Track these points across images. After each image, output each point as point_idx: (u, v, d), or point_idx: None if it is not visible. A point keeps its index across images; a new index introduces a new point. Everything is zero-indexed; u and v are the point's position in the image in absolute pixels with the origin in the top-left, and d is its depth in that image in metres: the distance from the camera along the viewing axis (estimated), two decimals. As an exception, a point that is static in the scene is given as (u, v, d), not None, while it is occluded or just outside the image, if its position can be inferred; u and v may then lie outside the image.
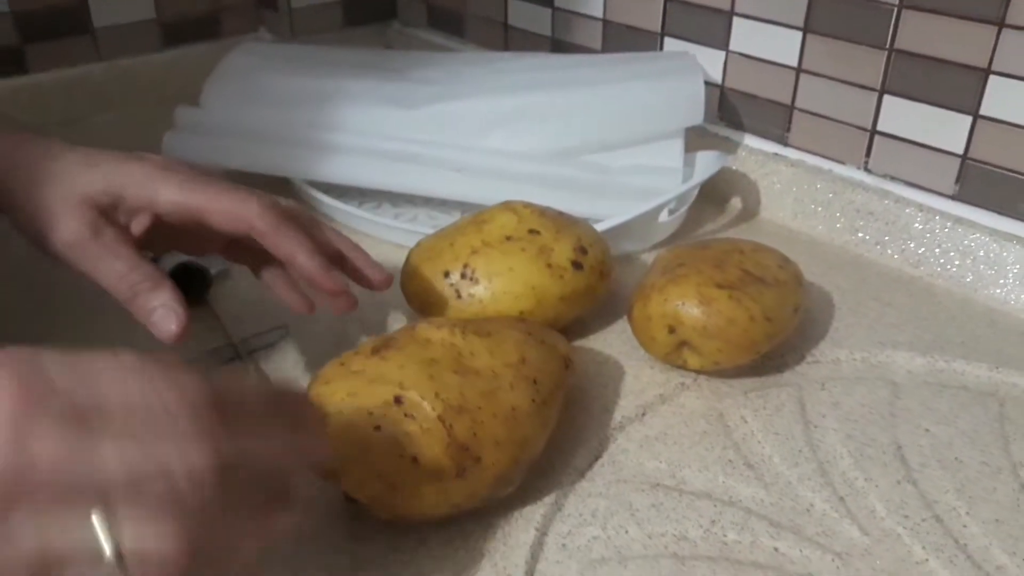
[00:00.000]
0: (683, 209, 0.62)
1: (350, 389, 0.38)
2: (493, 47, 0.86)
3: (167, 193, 0.41)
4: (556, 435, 0.45)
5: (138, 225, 0.42)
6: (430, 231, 0.59)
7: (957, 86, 0.56)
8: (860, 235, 0.63)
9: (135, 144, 0.66)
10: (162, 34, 0.87)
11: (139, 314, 0.40)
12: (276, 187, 0.66)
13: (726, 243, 0.50)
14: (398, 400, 0.37)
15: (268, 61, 0.71)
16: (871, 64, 0.60)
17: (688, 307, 0.45)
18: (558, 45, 0.80)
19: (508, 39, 0.84)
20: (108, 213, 0.41)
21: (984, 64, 0.55)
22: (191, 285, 0.54)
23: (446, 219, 0.65)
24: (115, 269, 0.40)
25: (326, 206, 0.64)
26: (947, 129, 0.58)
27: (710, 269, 0.47)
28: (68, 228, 0.40)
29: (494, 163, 0.61)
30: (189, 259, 0.54)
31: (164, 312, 0.39)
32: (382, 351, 0.40)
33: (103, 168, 0.41)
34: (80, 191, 0.40)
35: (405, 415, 0.37)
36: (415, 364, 0.38)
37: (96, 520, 0.24)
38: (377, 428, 0.36)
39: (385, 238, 0.61)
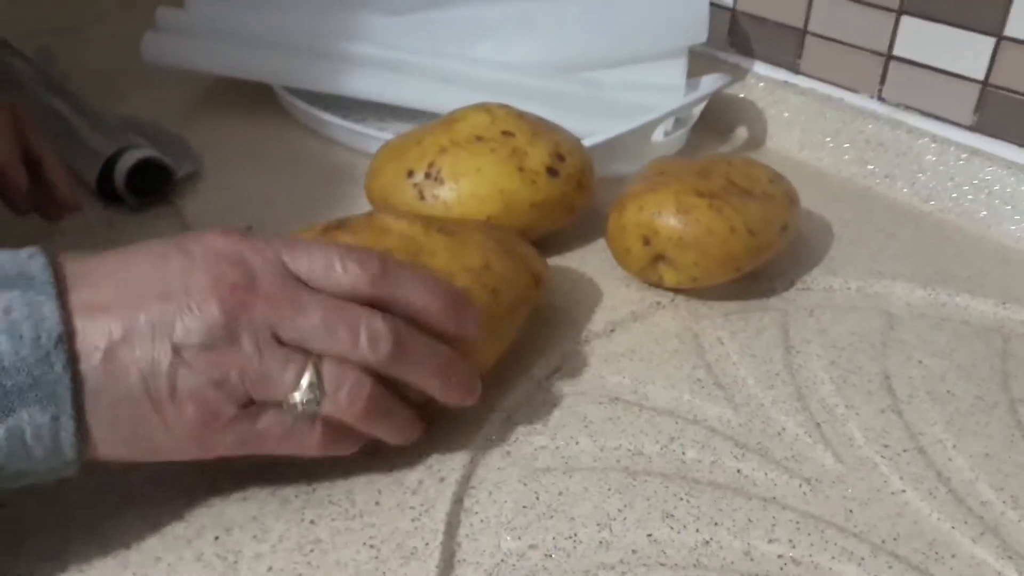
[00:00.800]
0: (681, 132, 0.59)
1: None
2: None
3: None
4: (517, 347, 0.42)
5: None
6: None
7: (980, 4, 0.52)
8: (869, 167, 0.59)
9: (126, 58, 0.64)
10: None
11: None
12: (258, 94, 0.64)
13: (715, 156, 0.47)
14: None
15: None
16: (890, -19, 0.56)
17: (665, 216, 0.42)
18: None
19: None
20: None
21: (1011, -23, 0.50)
22: (153, 181, 0.52)
23: (432, 136, 0.62)
24: None
25: (308, 116, 0.61)
26: (968, 52, 0.54)
27: (692, 178, 0.43)
28: None
29: (481, 74, 0.58)
30: (152, 154, 0.51)
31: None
32: (334, 232, 0.37)
33: None
34: None
35: None
36: None
37: (301, 360, 0.30)
38: None
39: (368, 149, 0.59)
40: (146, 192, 0.51)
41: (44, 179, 0.45)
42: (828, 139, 0.61)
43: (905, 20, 0.56)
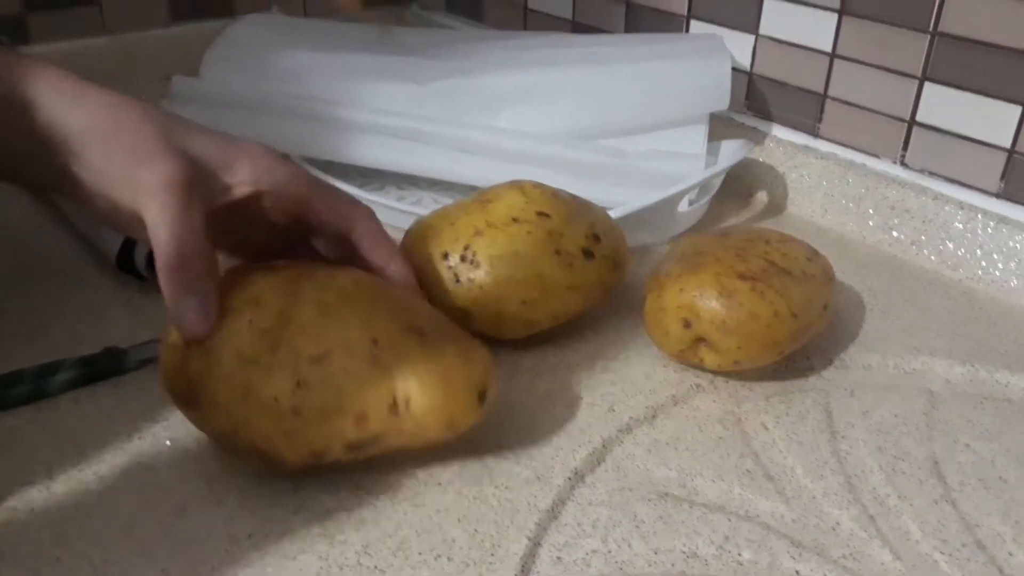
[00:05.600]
0: (705, 199, 0.58)
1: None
2: (512, 30, 0.83)
3: (279, 175, 0.39)
4: (556, 435, 0.41)
5: (234, 194, 0.38)
6: (434, 215, 0.56)
7: (1006, 73, 0.52)
8: (894, 234, 0.59)
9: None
10: (170, 8, 0.84)
11: (172, 290, 0.35)
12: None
13: (750, 232, 0.46)
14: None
15: (273, 33, 0.68)
16: (912, 49, 0.56)
17: (706, 299, 0.41)
18: (580, 29, 0.76)
19: (527, 22, 0.81)
20: (206, 177, 0.37)
21: (1038, 49, 0.51)
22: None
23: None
24: (179, 237, 0.35)
25: (325, 186, 0.60)
26: (993, 120, 0.54)
27: (731, 258, 0.42)
28: (164, 169, 0.35)
29: (504, 144, 0.57)
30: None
31: (198, 303, 0.35)
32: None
33: (221, 137, 0.38)
34: (190, 147, 0.37)
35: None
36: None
37: None
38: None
39: (387, 221, 0.57)
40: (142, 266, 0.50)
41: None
42: (851, 204, 0.61)
43: (928, 87, 0.56)
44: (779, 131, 0.65)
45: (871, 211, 0.60)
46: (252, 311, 0.35)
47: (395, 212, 0.57)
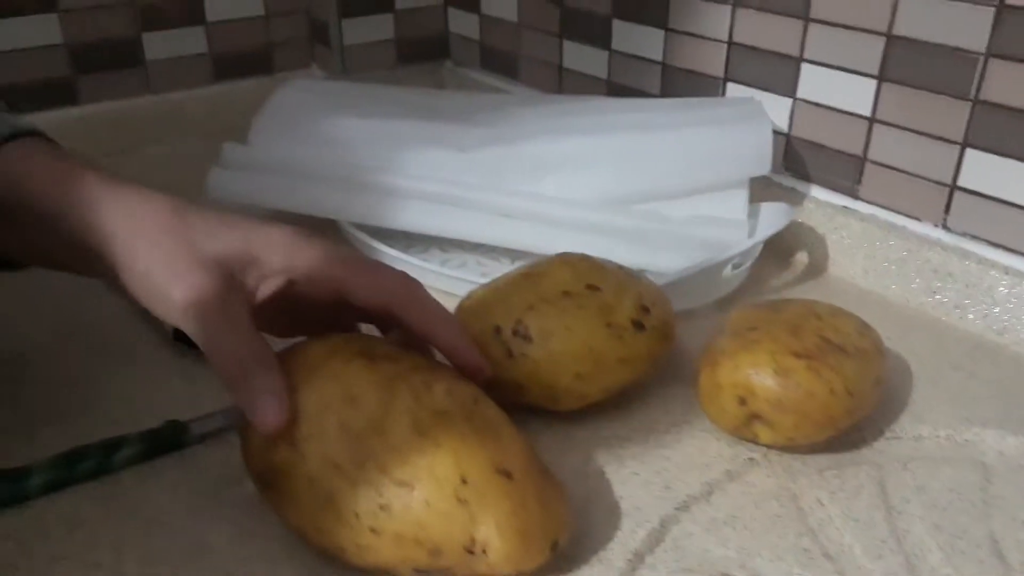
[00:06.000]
0: (748, 264, 0.59)
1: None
2: (546, 89, 0.84)
3: (306, 259, 0.39)
4: (614, 514, 0.41)
5: (266, 289, 0.39)
6: (479, 279, 0.56)
7: (1051, 142, 0.52)
8: (937, 297, 0.59)
9: (182, 178, 0.65)
10: (213, 68, 0.86)
11: (240, 393, 0.36)
12: (321, 229, 0.64)
13: (800, 306, 0.46)
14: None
15: (318, 98, 0.69)
16: (953, 116, 0.56)
17: (762, 377, 0.42)
18: (615, 89, 0.77)
19: (562, 82, 0.82)
20: (236, 275, 0.38)
21: (1083, 119, 0.51)
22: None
23: (495, 266, 0.62)
24: (228, 344, 0.36)
25: (372, 250, 0.61)
26: (1037, 187, 0.54)
27: (786, 335, 0.43)
28: (190, 286, 0.36)
29: (547, 209, 0.58)
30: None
31: (268, 399, 0.35)
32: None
33: (242, 229, 0.39)
34: (215, 250, 0.37)
35: None
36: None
37: None
38: None
39: (432, 285, 0.58)
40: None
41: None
42: (894, 267, 0.61)
43: (970, 152, 0.57)
44: (818, 192, 0.65)
45: (913, 274, 0.60)
46: (345, 410, 0.35)
47: (440, 276, 0.58)
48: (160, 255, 0.37)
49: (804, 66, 0.63)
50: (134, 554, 0.38)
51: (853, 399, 0.42)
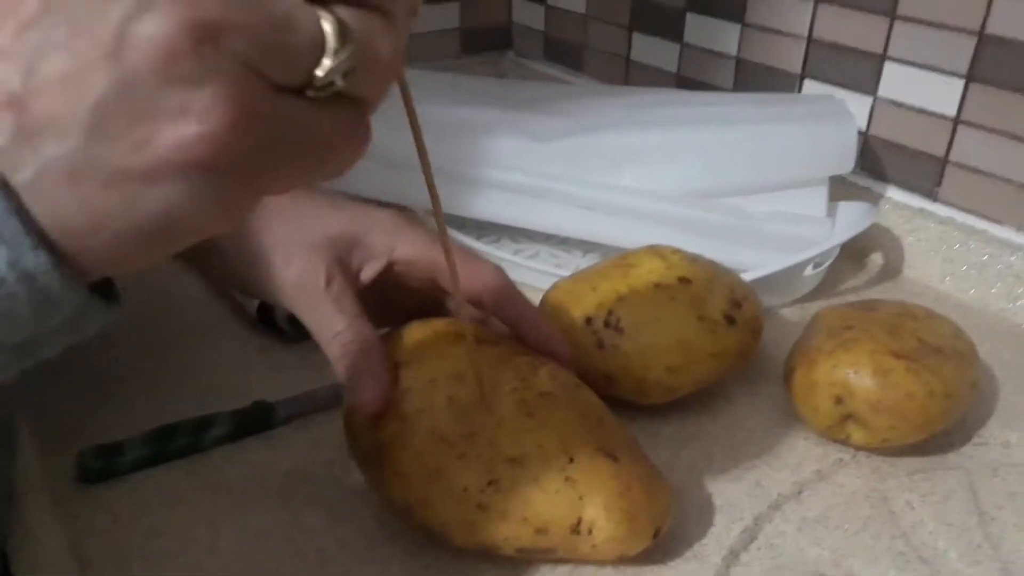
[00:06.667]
0: (827, 263, 0.58)
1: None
2: (612, 82, 0.83)
3: (409, 242, 0.40)
4: (707, 510, 0.41)
5: (370, 271, 0.40)
6: (553, 269, 0.56)
7: None
8: (1020, 303, 0.58)
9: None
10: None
11: (341, 373, 0.36)
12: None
13: (894, 306, 0.46)
14: None
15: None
16: (1044, 119, 0.55)
17: (861, 377, 0.41)
18: (684, 83, 0.76)
19: (629, 74, 0.81)
20: (342, 257, 0.39)
21: None
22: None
23: (567, 258, 0.62)
24: (332, 325, 0.37)
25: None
26: None
27: (884, 335, 0.42)
28: (299, 269, 0.37)
29: (626, 202, 0.58)
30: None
31: (368, 381, 0.35)
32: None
33: (349, 211, 0.40)
34: (323, 232, 0.38)
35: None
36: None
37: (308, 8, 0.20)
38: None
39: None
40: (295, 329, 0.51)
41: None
42: (973, 271, 0.60)
43: (1059, 157, 0.56)
44: (894, 193, 0.64)
45: (994, 278, 0.59)
46: (454, 386, 0.35)
47: (515, 266, 0.57)
48: (270, 239, 0.37)
49: (887, 64, 0.62)
50: (230, 531, 0.38)
51: (950, 401, 0.41)
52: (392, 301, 0.42)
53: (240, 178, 0.20)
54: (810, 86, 0.67)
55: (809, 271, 0.57)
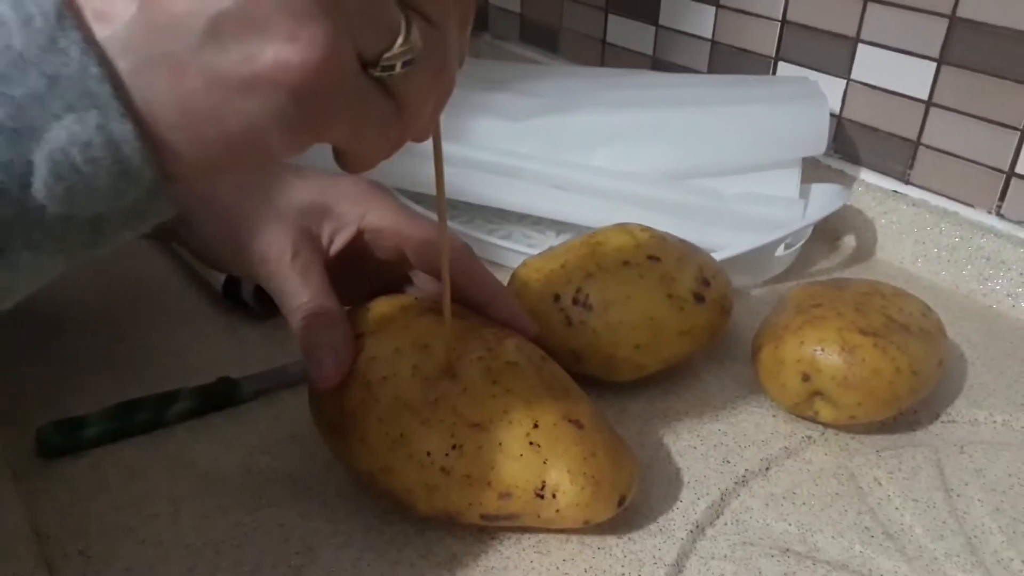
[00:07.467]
0: (799, 244, 0.58)
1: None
2: (588, 64, 0.83)
3: (378, 210, 0.39)
4: (674, 486, 0.40)
5: (340, 241, 0.39)
6: (526, 249, 0.56)
7: (1117, 130, 0.52)
8: (989, 285, 0.58)
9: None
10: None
11: (302, 346, 0.36)
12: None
13: (863, 284, 0.46)
14: None
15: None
16: (1013, 101, 0.56)
17: (828, 354, 0.41)
18: (659, 65, 0.76)
19: (605, 56, 0.81)
20: (312, 228, 0.38)
21: None
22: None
23: (541, 238, 0.62)
24: (297, 297, 0.36)
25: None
26: (1100, 176, 0.53)
27: (851, 312, 0.42)
28: (266, 241, 0.37)
29: (599, 182, 0.57)
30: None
31: (328, 354, 0.35)
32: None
33: (316, 181, 0.39)
34: (291, 203, 0.38)
35: None
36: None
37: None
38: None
39: (479, 255, 0.58)
40: (272, 300, 0.50)
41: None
42: (944, 253, 0.60)
43: (1030, 140, 0.56)
44: (867, 175, 0.64)
45: (965, 260, 0.59)
46: (418, 356, 0.35)
47: (487, 246, 0.57)
48: (237, 211, 0.37)
49: (860, 47, 0.62)
50: (191, 507, 0.38)
51: (917, 379, 0.42)
52: (358, 272, 0.41)
53: (313, 114, 0.22)
54: (784, 68, 0.67)
55: (781, 252, 0.57)
